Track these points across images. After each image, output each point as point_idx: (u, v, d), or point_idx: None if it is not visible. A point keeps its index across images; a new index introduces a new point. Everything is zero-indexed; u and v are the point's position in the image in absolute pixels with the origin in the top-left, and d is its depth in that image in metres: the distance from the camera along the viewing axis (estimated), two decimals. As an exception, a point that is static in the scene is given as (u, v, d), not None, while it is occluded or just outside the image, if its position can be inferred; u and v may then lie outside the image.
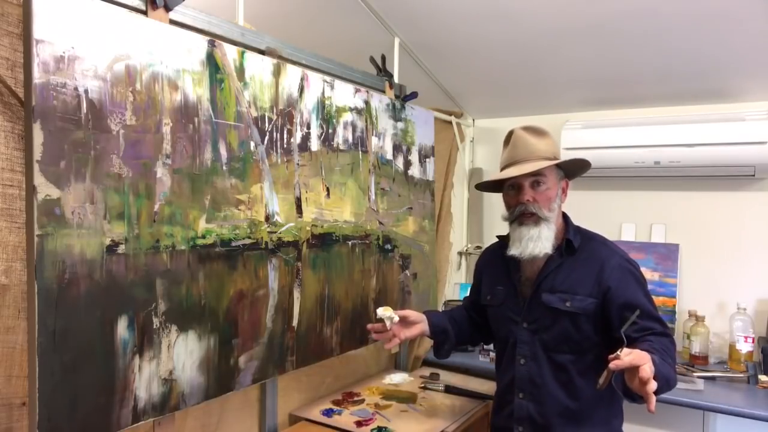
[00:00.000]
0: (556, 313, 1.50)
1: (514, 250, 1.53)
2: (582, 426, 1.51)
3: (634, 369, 1.17)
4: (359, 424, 1.82)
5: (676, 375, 1.35)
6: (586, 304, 1.48)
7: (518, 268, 1.60)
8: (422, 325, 1.71)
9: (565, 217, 1.61)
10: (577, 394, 1.51)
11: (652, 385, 1.15)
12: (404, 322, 1.69)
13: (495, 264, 1.69)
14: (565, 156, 1.67)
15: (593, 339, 1.49)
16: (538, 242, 1.49)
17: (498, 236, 1.73)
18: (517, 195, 1.53)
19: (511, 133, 1.57)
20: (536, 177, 1.50)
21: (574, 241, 1.54)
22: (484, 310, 1.74)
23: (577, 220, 1.64)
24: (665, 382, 1.26)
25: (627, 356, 1.17)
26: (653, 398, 1.16)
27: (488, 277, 1.73)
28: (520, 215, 1.52)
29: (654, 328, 1.42)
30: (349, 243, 1.93)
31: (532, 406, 1.55)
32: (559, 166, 1.55)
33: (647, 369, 1.15)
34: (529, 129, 1.55)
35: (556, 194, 1.53)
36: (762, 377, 2.10)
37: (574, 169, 1.60)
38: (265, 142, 1.60)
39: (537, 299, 1.54)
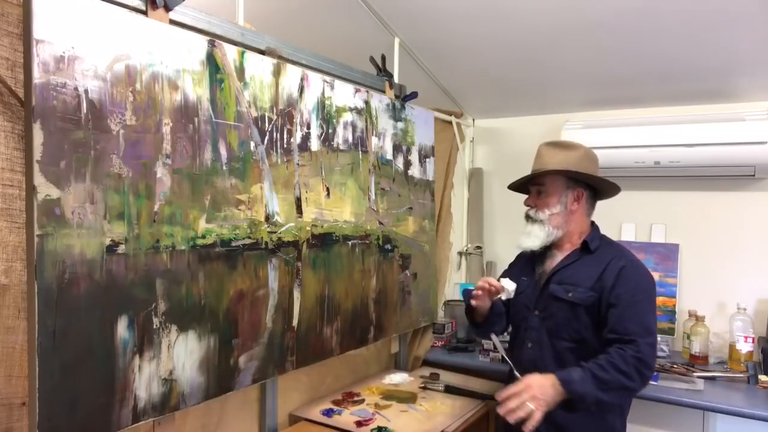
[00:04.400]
0: (559, 301, 1.66)
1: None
2: (575, 412, 1.55)
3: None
4: (359, 424, 1.82)
5: (614, 387, 1.48)
6: (585, 296, 1.62)
7: (542, 263, 1.76)
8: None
9: (593, 224, 1.76)
10: None
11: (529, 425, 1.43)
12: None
13: (526, 259, 1.84)
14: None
15: (591, 330, 1.62)
16: (528, 238, 1.71)
17: None
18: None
19: None
20: (538, 186, 1.72)
21: (591, 244, 1.68)
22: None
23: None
24: (580, 400, 1.47)
25: (503, 405, 1.46)
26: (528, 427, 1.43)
27: (518, 268, 1.87)
28: (526, 214, 1.75)
29: (624, 335, 1.52)
30: (349, 243, 1.93)
31: None
32: (575, 178, 1.68)
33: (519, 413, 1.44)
34: (552, 144, 1.74)
35: (558, 201, 1.69)
36: (762, 377, 2.10)
37: (593, 181, 1.70)
38: (265, 142, 1.60)
39: (546, 289, 1.70)
